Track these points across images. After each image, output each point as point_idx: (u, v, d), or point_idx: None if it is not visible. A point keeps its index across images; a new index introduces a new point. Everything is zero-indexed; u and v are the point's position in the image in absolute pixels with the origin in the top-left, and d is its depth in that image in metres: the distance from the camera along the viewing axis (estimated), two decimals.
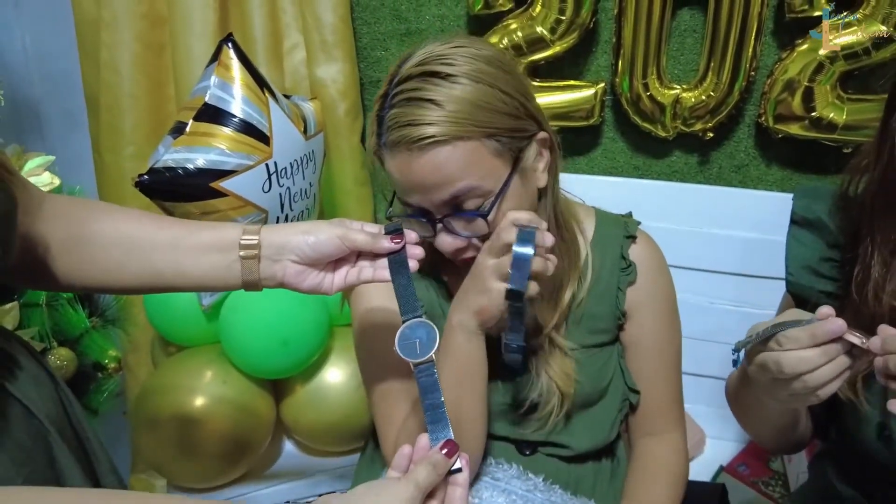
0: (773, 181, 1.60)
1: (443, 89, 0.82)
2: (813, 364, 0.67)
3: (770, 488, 1.57)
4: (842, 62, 1.39)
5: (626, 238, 1.04)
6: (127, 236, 0.81)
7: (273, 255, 0.80)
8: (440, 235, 0.89)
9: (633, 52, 1.50)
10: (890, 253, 0.79)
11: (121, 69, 1.62)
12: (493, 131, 0.85)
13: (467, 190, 0.85)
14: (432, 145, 0.82)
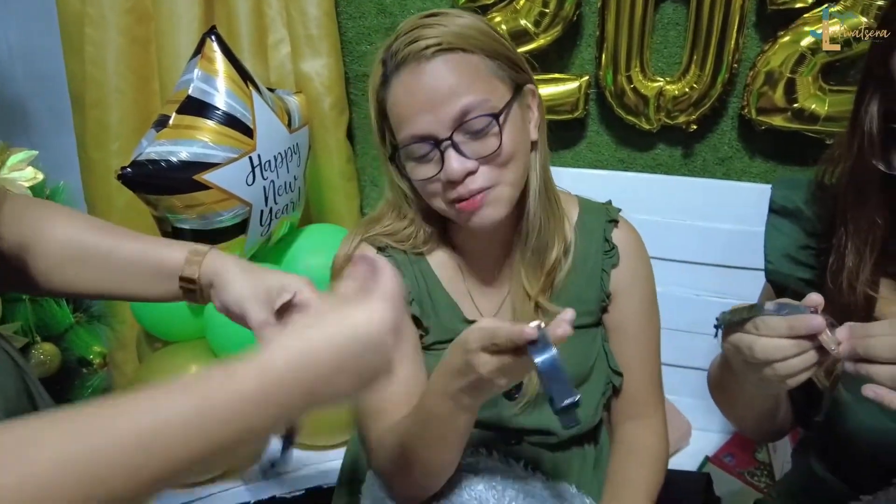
0: (757, 173, 1.61)
1: (445, 19, 0.87)
2: (784, 354, 0.68)
3: (756, 478, 1.59)
4: (823, 54, 1.40)
5: (609, 222, 1.05)
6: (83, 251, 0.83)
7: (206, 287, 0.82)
8: (449, 161, 0.86)
9: (617, 46, 1.50)
10: (863, 242, 0.80)
11: (106, 65, 1.62)
12: (493, 54, 0.88)
13: (476, 103, 0.85)
14: (440, 52, 0.84)
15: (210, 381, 0.52)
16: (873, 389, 0.63)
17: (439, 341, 1.02)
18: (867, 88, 0.74)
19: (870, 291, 0.81)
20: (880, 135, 0.73)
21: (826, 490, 0.94)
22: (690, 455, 1.65)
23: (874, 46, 0.73)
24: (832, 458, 0.95)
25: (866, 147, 0.75)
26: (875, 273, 0.82)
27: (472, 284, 1.04)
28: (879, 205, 0.78)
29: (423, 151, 0.88)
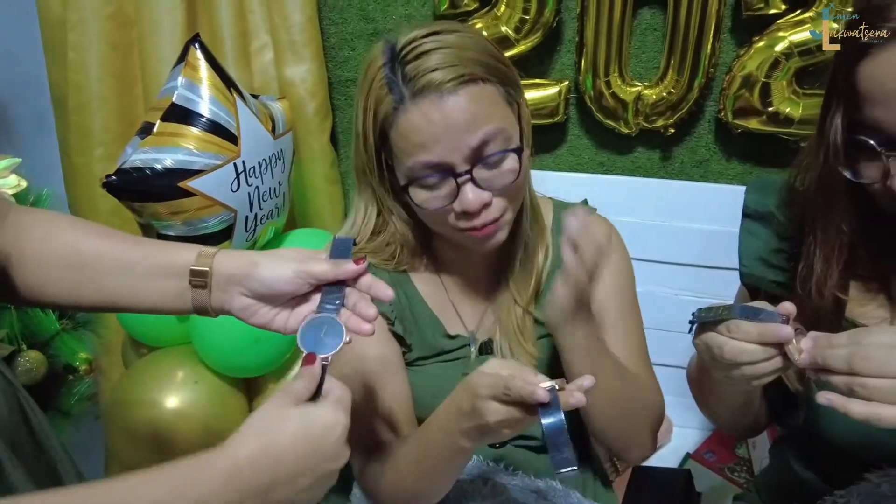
0: (734, 175, 1.64)
1: (451, 39, 0.85)
2: (753, 357, 0.70)
3: (736, 474, 1.62)
4: (797, 58, 1.43)
5: None
6: (83, 257, 0.79)
7: (222, 284, 0.76)
8: (465, 192, 0.85)
9: (596, 51, 1.53)
10: (831, 249, 0.82)
11: (88, 71, 1.62)
12: (502, 78, 0.88)
13: (497, 132, 0.85)
14: (464, 84, 0.83)
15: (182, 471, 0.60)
16: (826, 396, 0.65)
17: (423, 357, 1.02)
18: (832, 100, 0.76)
19: (839, 294, 0.83)
20: (845, 145, 0.76)
21: (802, 485, 0.96)
22: (672, 452, 1.68)
23: (838, 59, 0.75)
24: (808, 455, 0.97)
25: (831, 157, 0.77)
26: (844, 276, 0.84)
27: (455, 297, 1.04)
28: (846, 212, 0.80)
29: (435, 181, 0.86)
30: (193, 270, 0.76)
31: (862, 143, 0.73)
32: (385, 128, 0.87)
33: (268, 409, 0.65)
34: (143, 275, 0.78)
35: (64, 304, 0.81)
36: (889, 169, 0.71)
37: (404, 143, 0.85)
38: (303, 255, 0.77)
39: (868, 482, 0.82)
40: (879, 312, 0.85)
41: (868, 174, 0.75)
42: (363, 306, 0.76)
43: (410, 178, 0.87)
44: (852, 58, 0.71)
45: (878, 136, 0.71)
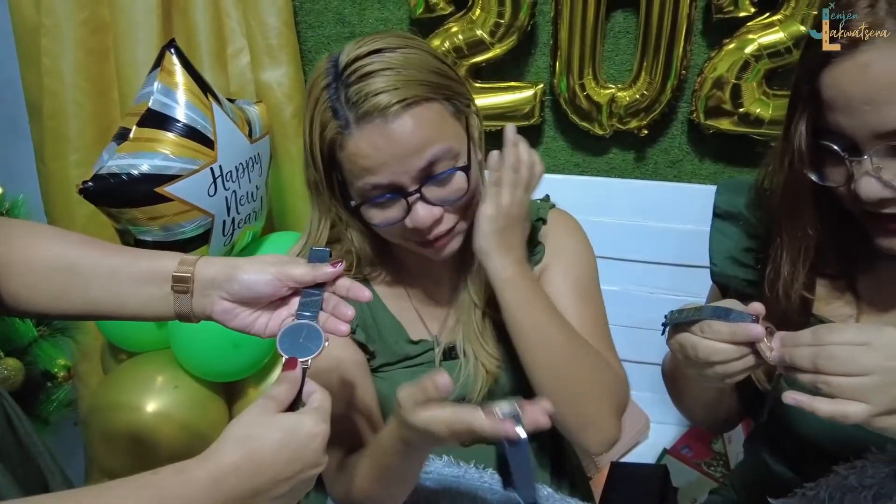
0: (707, 175, 1.67)
1: (394, 58, 0.84)
2: (726, 356, 0.72)
3: (712, 468, 1.64)
4: (766, 60, 1.46)
5: (536, 221, 1.05)
6: (68, 264, 0.79)
7: (203, 289, 0.77)
8: (416, 210, 0.87)
9: (570, 54, 1.55)
10: (797, 253, 0.84)
11: (63, 76, 1.62)
12: (448, 94, 0.88)
13: (443, 152, 0.85)
14: (407, 107, 0.83)
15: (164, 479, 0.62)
16: (792, 396, 0.67)
17: (387, 363, 1.03)
18: (796, 107, 0.78)
19: (806, 294, 0.85)
20: (809, 150, 0.77)
21: (775, 479, 0.98)
22: (649, 448, 1.71)
23: (801, 67, 0.77)
24: (780, 449, 0.99)
25: (796, 162, 0.78)
26: (811, 275, 0.86)
27: (417, 302, 1.05)
28: (812, 216, 0.82)
29: (385, 200, 0.87)
30: (176, 276, 0.77)
31: (826, 148, 0.75)
32: (333, 149, 0.87)
33: (251, 416, 0.66)
34: (127, 281, 0.78)
35: (49, 312, 0.81)
36: (853, 173, 0.73)
37: (352, 166, 0.86)
38: (282, 259, 0.78)
39: (836, 475, 0.84)
40: (846, 310, 0.87)
41: (833, 178, 0.77)
42: (341, 308, 0.77)
43: (362, 198, 0.88)
44: (815, 66, 0.73)
45: (842, 142, 0.73)
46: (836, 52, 0.70)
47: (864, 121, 0.70)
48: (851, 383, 0.64)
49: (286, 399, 0.69)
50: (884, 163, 0.71)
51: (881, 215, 0.74)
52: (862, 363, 0.64)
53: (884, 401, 0.64)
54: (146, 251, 0.83)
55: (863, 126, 0.70)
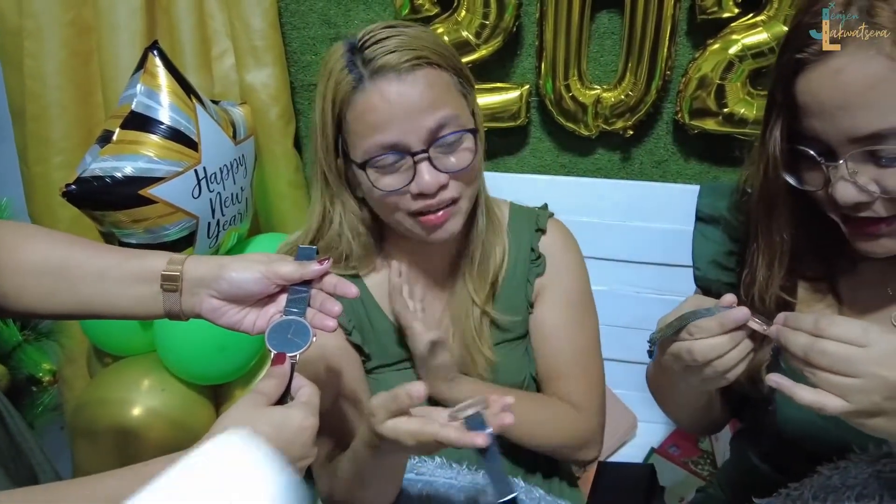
0: (692, 175, 1.67)
1: (408, 30, 0.88)
2: (722, 350, 0.71)
3: (699, 467, 1.65)
4: (750, 61, 1.47)
5: (536, 231, 1.07)
6: (58, 264, 0.80)
7: (192, 287, 0.79)
8: (422, 172, 0.87)
9: (555, 55, 1.55)
10: (772, 257, 0.84)
11: (46, 78, 1.61)
12: (458, 71, 0.91)
13: (452, 117, 0.87)
14: (420, 66, 0.85)
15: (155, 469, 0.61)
16: (775, 380, 0.67)
17: (382, 365, 1.03)
18: (772, 113, 0.78)
19: (786, 297, 0.85)
20: (785, 155, 0.78)
21: (760, 477, 0.98)
22: (637, 447, 1.71)
23: (776, 74, 0.77)
24: (765, 448, 0.99)
25: (771, 169, 0.79)
26: (791, 279, 0.86)
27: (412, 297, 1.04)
28: (787, 222, 0.83)
29: (391, 161, 0.87)
30: (165, 275, 0.78)
31: (802, 153, 0.75)
32: (343, 111, 0.88)
33: (241, 410, 0.68)
34: (116, 281, 0.79)
35: (40, 312, 0.82)
36: (829, 177, 0.74)
37: (361, 125, 0.87)
38: (269, 258, 0.80)
39: (820, 475, 0.84)
40: (827, 312, 0.88)
41: (810, 182, 0.77)
42: (328, 304, 0.79)
43: (367, 159, 0.88)
44: (789, 73, 0.73)
45: (817, 146, 0.74)
46: (809, 58, 0.70)
47: (838, 126, 0.70)
48: (837, 381, 0.65)
49: (275, 393, 0.71)
50: (859, 167, 0.71)
51: (858, 218, 0.75)
52: (853, 366, 0.64)
53: (863, 403, 0.64)
54: (135, 251, 0.85)
55: (837, 131, 0.71)
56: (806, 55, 0.70)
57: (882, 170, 0.71)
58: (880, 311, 0.85)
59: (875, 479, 0.80)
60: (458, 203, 0.92)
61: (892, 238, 0.75)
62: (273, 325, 0.77)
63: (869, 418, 0.65)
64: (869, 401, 0.64)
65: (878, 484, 0.79)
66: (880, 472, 0.79)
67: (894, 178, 0.70)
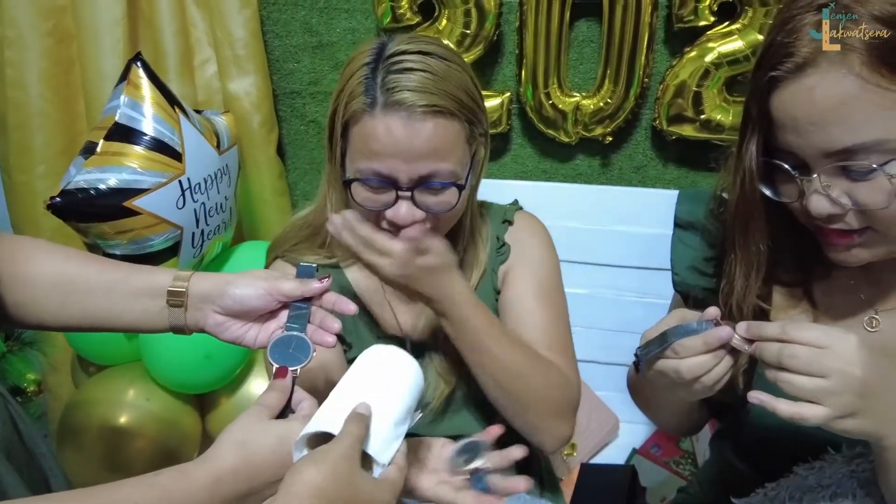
0: (670, 179, 1.70)
1: (438, 66, 0.87)
2: (708, 367, 0.74)
3: (681, 467, 1.68)
4: (726, 68, 1.50)
5: (503, 223, 1.10)
6: (68, 278, 0.83)
7: (197, 303, 0.82)
8: (400, 206, 0.89)
9: (535, 63, 1.57)
10: (749, 267, 0.86)
11: (28, 87, 1.60)
12: (471, 118, 0.91)
13: (446, 171, 0.89)
14: (432, 114, 0.86)
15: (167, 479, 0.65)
16: (756, 396, 0.70)
17: None
18: (747, 128, 0.80)
19: (763, 304, 0.88)
20: (761, 168, 0.80)
21: (739, 477, 1.00)
22: (619, 448, 1.74)
23: (751, 90, 0.79)
24: (743, 448, 1.02)
25: (748, 183, 0.81)
26: (767, 285, 0.89)
27: (392, 298, 1.07)
28: (763, 233, 0.85)
29: (377, 185, 0.90)
30: (171, 291, 0.81)
31: (778, 167, 0.78)
32: (350, 123, 0.90)
33: (246, 423, 0.71)
34: (123, 296, 0.83)
35: (49, 324, 0.85)
36: (804, 190, 0.76)
37: (362, 145, 0.89)
38: (272, 275, 0.84)
39: (796, 475, 0.87)
40: (801, 318, 0.90)
41: (785, 194, 0.79)
42: (328, 321, 0.82)
43: (357, 176, 0.91)
44: (764, 90, 0.75)
45: (792, 160, 0.76)
46: (782, 76, 0.72)
47: (811, 141, 0.72)
48: (811, 385, 0.67)
49: (277, 406, 0.74)
50: (832, 181, 0.74)
51: (831, 229, 0.77)
52: (822, 365, 0.67)
53: (840, 404, 0.67)
54: (142, 267, 0.87)
55: (810, 146, 0.73)
56: (780, 73, 0.72)
57: (854, 183, 0.73)
58: (854, 315, 0.87)
59: (849, 479, 0.82)
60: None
61: (864, 248, 0.78)
62: (275, 339, 0.80)
63: (846, 420, 0.67)
64: (842, 402, 0.67)
65: (852, 483, 0.81)
66: (854, 471, 0.82)
67: (865, 191, 0.73)
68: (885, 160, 0.70)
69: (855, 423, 0.68)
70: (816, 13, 0.71)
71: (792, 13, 0.73)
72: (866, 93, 0.69)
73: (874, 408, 0.68)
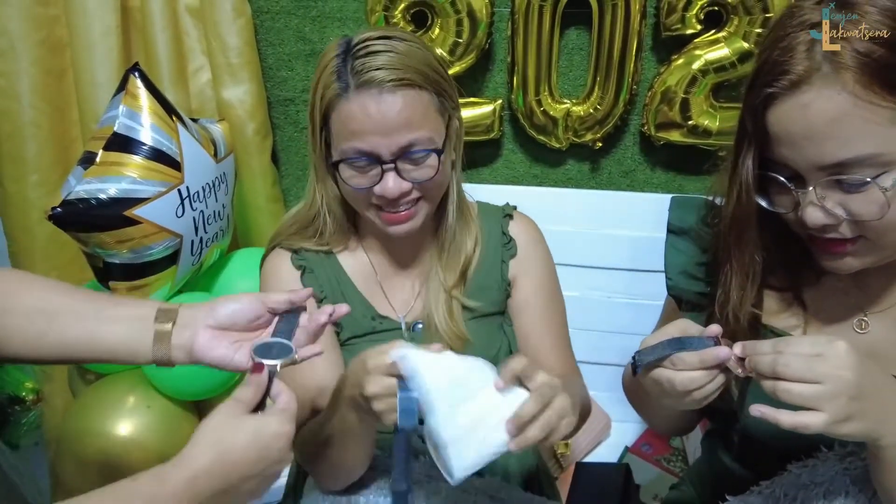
0: (659, 184, 1.74)
1: (400, 45, 0.94)
2: (700, 383, 0.76)
3: (671, 464, 1.71)
4: (712, 75, 1.54)
5: (504, 217, 1.16)
6: (53, 306, 0.82)
7: (187, 321, 0.81)
8: (387, 179, 0.95)
9: (526, 71, 1.60)
10: (745, 277, 0.89)
11: (21, 97, 1.60)
12: (439, 89, 0.97)
13: (423, 138, 0.94)
14: (404, 87, 0.92)
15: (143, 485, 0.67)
16: (759, 409, 0.72)
17: (354, 336, 1.09)
18: (743, 142, 0.83)
19: (755, 311, 0.90)
20: (758, 180, 0.82)
21: (731, 476, 1.03)
22: (611, 447, 1.77)
23: (746, 105, 0.81)
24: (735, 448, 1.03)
25: (744, 195, 0.84)
26: (759, 291, 0.91)
27: (384, 279, 1.12)
28: (758, 244, 0.88)
29: (362, 164, 0.95)
30: (161, 309, 0.82)
31: (773, 179, 0.80)
32: (328, 111, 0.95)
33: (219, 419, 0.71)
34: (108, 318, 0.82)
35: (24, 356, 0.83)
36: (799, 201, 0.79)
37: (342, 128, 0.94)
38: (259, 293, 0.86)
39: (790, 473, 0.89)
40: (792, 321, 0.93)
41: (781, 205, 0.82)
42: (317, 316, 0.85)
43: (342, 157, 0.96)
44: (759, 105, 0.78)
45: (787, 172, 0.79)
46: (778, 92, 0.75)
47: (805, 155, 0.75)
48: (807, 391, 0.69)
49: (252, 400, 0.74)
50: (826, 193, 0.77)
51: (826, 239, 0.80)
52: (815, 371, 0.69)
53: (837, 408, 0.69)
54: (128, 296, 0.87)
55: (804, 160, 0.76)
56: (776, 90, 0.75)
57: (847, 195, 0.76)
58: (844, 320, 0.90)
59: (841, 476, 0.84)
60: (419, 204, 1.00)
61: (856, 257, 0.81)
62: (258, 343, 0.80)
63: (845, 425, 0.69)
64: (838, 406, 0.69)
65: (845, 480, 0.84)
66: (846, 469, 0.84)
67: (858, 202, 0.75)
68: (877, 173, 0.73)
69: (853, 427, 0.70)
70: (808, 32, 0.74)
71: (786, 31, 0.76)
72: (859, 109, 0.71)
73: (869, 409, 0.70)
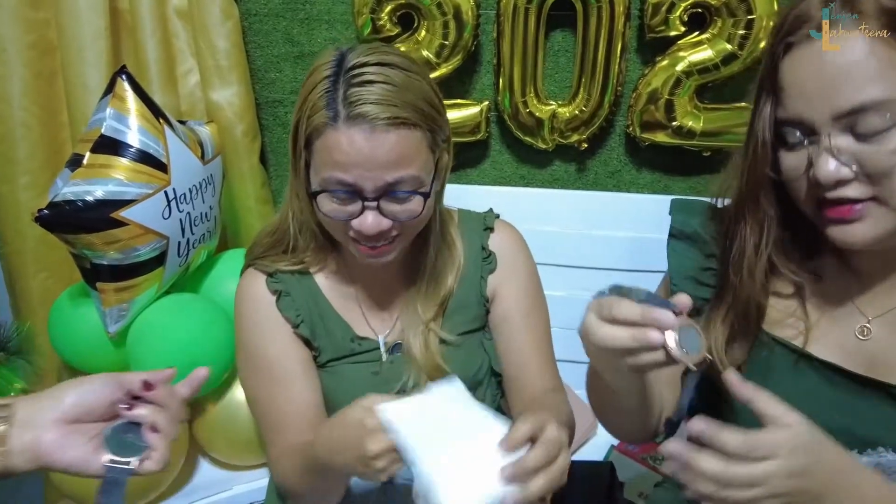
0: (644, 184, 1.75)
1: (398, 76, 0.89)
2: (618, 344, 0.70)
3: (657, 462, 1.72)
4: (696, 76, 1.55)
5: (485, 230, 1.13)
6: None
7: (28, 418, 0.71)
8: (366, 216, 0.91)
9: (512, 72, 1.61)
10: (759, 231, 0.88)
11: (11, 99, 1.61)
12: (432, 126, 0.93)
13: (410, 178, 0.90)
14: (394, 126, 0.87)
15: None
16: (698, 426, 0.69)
17: (333, 359, 1.08)
18: (760, 96, 0.83)
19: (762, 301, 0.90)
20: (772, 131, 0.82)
21: None
22: (597, 446, 1.78)
23: (766, 58, 0.82)
24: None
25: (759, 149, 0.83)
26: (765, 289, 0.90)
27: (363, 301, 1.10)
28: (770, 201, 0.87)
29: (343, 196, 0.91)
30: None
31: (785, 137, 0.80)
32: (312, 136, 0.91)
33: None
34: None
35: None
36: (811, 160, 0.78)
37: (326, 156, 0.90)
38: None
39: None
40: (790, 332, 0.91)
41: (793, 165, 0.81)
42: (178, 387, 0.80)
43: (323, 187, 0.92)
44: (777, 54, 0.79)
45: (800, 128, 0.79)
46: (796, 42, 0.77)
47: (821, 103, 0.75)
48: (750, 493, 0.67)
49: None
50: (840, 142, 0.76)
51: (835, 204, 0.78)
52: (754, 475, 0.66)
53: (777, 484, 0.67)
54: None
55: (820, 109, 0.76)
56: (794, 39, 0.77)
57: (861, 145, 0.75)
58: (847, 325, 0.89)
59: None
60: (396, 240, 0.97)
61: (863, 222, 0.78)
62: (113, 427, 0.75)
63: None
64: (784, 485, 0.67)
65: None
66: None
67: (873, 153, 0.75)
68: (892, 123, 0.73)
69: None
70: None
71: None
72: (875, 53, 0.73)
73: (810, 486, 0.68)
